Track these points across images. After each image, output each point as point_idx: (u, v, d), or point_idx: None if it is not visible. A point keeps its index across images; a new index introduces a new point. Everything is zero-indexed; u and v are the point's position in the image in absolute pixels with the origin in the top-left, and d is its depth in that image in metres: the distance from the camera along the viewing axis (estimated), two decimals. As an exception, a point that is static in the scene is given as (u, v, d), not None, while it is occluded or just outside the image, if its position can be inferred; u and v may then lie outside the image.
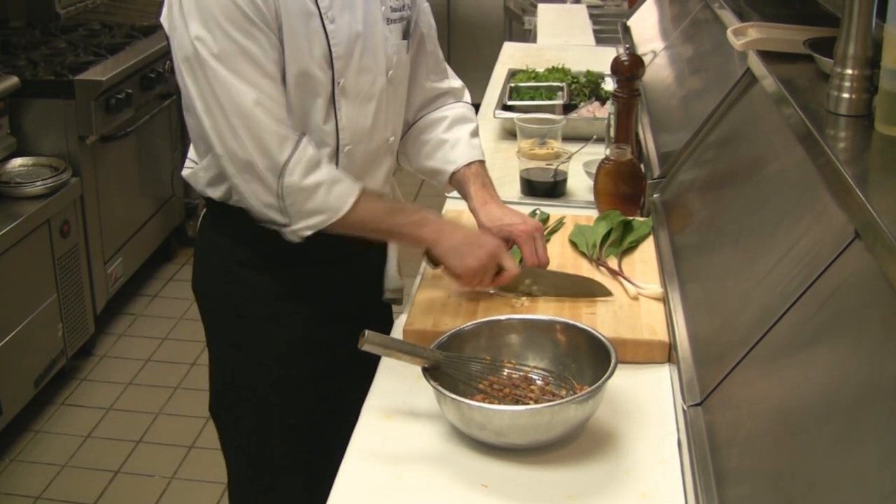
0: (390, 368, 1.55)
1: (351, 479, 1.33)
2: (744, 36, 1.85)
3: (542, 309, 1.68)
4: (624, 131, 2.18)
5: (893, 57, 1.31)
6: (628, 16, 3.73)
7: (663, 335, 1.59)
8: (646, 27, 3.42)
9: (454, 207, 2.04)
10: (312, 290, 1.74)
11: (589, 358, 1.46)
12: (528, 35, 4.50)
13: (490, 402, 1.39)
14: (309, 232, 1.59)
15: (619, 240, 1.90)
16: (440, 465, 1.36)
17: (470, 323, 1.54)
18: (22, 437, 3.12)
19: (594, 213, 2.05)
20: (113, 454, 3.06)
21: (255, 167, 1.55)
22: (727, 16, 2.21)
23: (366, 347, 1.38)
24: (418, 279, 1.80)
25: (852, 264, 1.18)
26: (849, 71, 1.43)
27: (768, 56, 1.77)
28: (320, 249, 1.66)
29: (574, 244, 1.90)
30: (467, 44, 5.91)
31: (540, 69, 3.02)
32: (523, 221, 1.74)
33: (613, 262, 1.83)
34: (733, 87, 1.97)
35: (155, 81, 3.81)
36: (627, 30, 3.56)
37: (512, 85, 2.88)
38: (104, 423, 3.22)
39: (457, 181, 1.82)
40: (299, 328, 1.74)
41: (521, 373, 1.48)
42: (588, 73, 2.93)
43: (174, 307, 3.92)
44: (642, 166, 2.16)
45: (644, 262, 1.84)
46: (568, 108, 2.69)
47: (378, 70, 1.66)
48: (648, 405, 1.48)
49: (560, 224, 1.99)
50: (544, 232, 1.80)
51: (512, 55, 3.56)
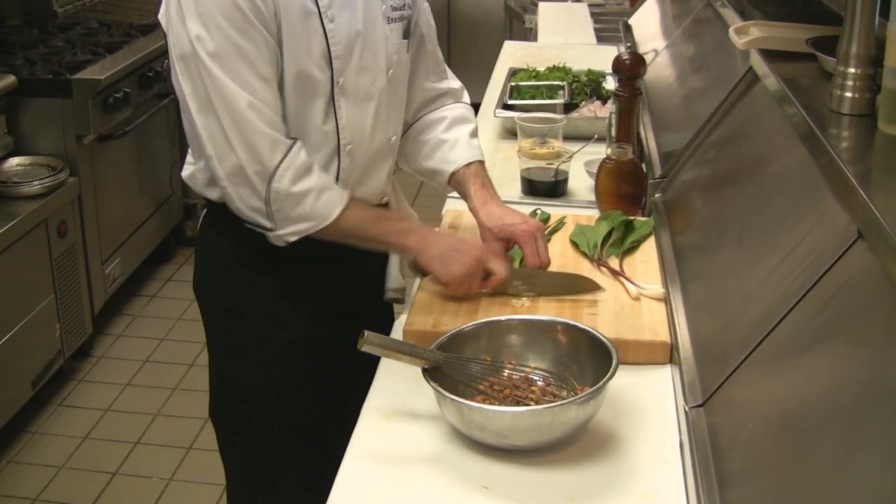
0: (390, 369, 1.55)
1: (350, 481, 1.33)
2: (746, 35, 1.85)
3: (543, 309, 1.68)
4: (625, 131, 2.18)
5: (897, 56, 1.31)
6: (630, 14, 3.73)
7: (665, 336, 1.59)
8: (647, 26, 3.42)
9: (454, 208, 2.04)
10: (313, 291, 1.74)
11: (590, 359, 1.46)
12: (529, 34, 4.50)
13: (490, 404, 1.39)
14: (294, 238, 1.59)
15: (621, 240, 1.90)
16: (440, 467, 1.35)
17: (470, 323, 1.54)
18: (19, 439, 3.12)
19: (595, 213, 2.05)
20: (111, 455, 3.06)
21: (245, 171, 1.54)
22: (729, 14, 2.21)
23: (365, 348, 1.38)
24: (418, 279, 1.80)
25: (855, 265, 1.18)
26: (851, 70, 1.43)
27: (770, 55, 1.77)
28: (320, 250, 1.66)
29: (575, 244, 1.90)
30: (468, 42, 5.91)
31: (541, 68, 3.02)
32: (524, 221, 1.74)
33: (615, 263, 1.83)
34: (735, 87, 1.97)
35: (153, 80, 3.81)
36: (629, 28, 3.56)
37: (512, 84, 2.88)
38: (102, 425, 3.22)
39: (456, 181, 1.82)
40: (300, 329, 1.74)
41: (522, 374, 1.48)
42: (589, 72, 2.93)
43: (172, 308, 3.92)
44: (644, 166, 2.16)
45: (645, 263, 1.84)
46: (569, 108, 2.69)
47: (378, 69, 1.66)
48: (650, 406, 1.47)
49: (561, 224, 1.99)
50: (545, 232, 1.80)
51: (512, 54, 3.56)
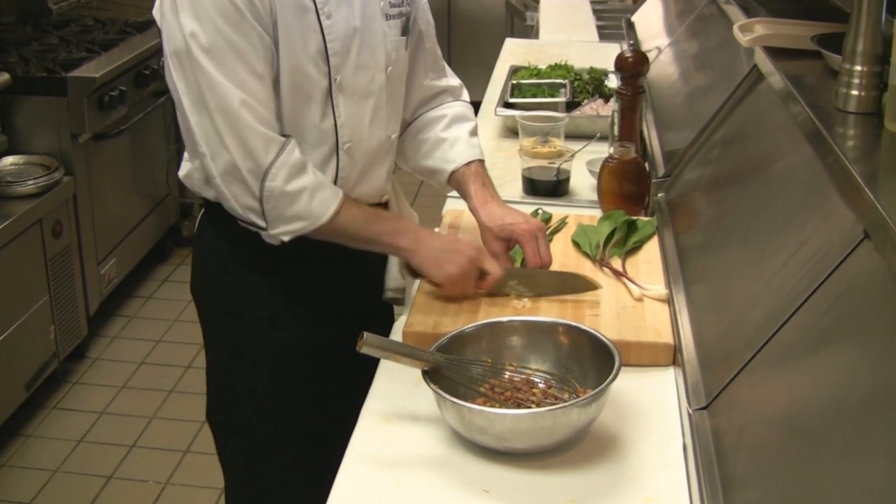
0: (389, 371, 1.55)
1: (349, 484, 1.33)
2: (750, 32, 1.85)
3: (545, 310, 1.67)
4: (628, 129, 2.18)
5: (903, 53, 1.31)
6: (632, 11, 3.73)
7: (668, 337, 1.59)
8: (650, 23, 3.42)
9: (454, 207, 2.04)
10: (312, 292, 1.74)
11: (592, 360, 1.46)
12: (530, 31, 4.50)
13: (491, 406, 1.39)
14: (287, 237, 1.59)
15: (623, 240, 1.89)
16: (440, 470, 1.35)
17: (471, 325, 1.54)
18: (13, 442, 3.12)
19: (597, 213, 2.05)
20: (106, 459, 3.06)
21: (238, 169, 1.54)
22: (733, 11, 2.21)
23: (364, 350, 1.38)
24: (418, 280, 1.80)
25: (861, 265, 1.18)
26: (858, 67, 1.43)
27: (775, 52, 1.77)
28: (319, 250, 1.66)
29: (577, 244, 1.90)
30: (468, 40, 5.90)
31: (542, 66, 3.02)
32: (525, 221, 1.74)
33: (617, 263, 1.83)
34: (739, 85, 1.97)
35: (149, 78, 3.81)
36: (631, 26, 3.56)
37: (514, 82, 2.88)
38: (97, 428, 3.22)
39: (456, 181, 1.82)
40: (298, 330, 1.74)
41: (523, 376, 1.47)
42: (591, 70, 2.93)
43: (169, 309, 3.92)
44: (647, 165, 2.16)
45: (648, 263, 1.84)
46: (571, 106, 2.69)
47: (377, 67, 1.66)
48: (653, 409, 1.47)
49: (563, 224, 1.99)
50: (546, 232, 1.80)
51: (513, 52, 3.56)
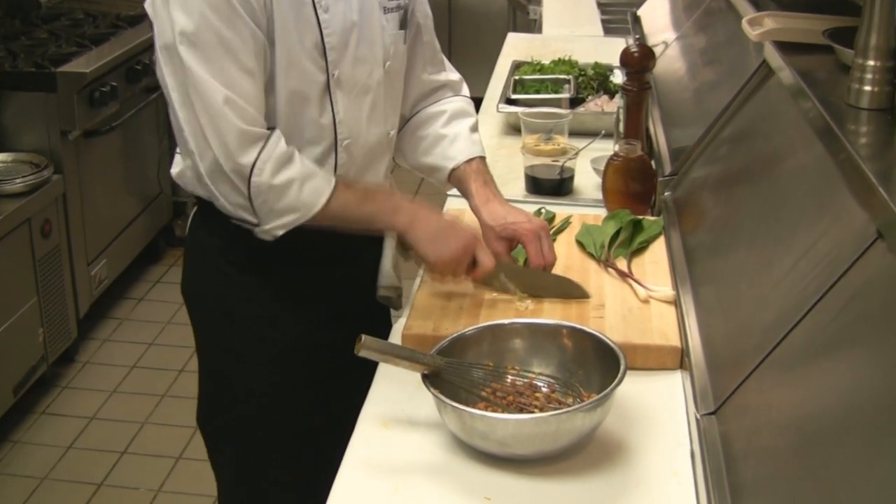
0: (388, 375, 1.55)
1: (347, 491, 1.33)
2: (759, 26, 1.85)
3: (548, 312, 1.68)
4: (634, 126, 2.18)
5: (918, 47, 1.31)
6: (638, 5, 3.73)
7: (675, 340, 1.59)
8: (657, 17, 3.42)
9: (455, 206, 2.04)
10: (307, 292, 1.74)
11: (597, 364, 1.46)
12: (534, 25, 4.50)
13: (493, 411, 1.39)
14: (281, 231, 1.59)
15: (629, 240, 1.90)
16: (440, 477, 1.35)
17: (472, 327, 1.54)
18: (0, 448, 3.12)
19: (602, 212, 2.05)
20: (96, 466, 3.06)
21: (222, 167, 1.54)
22: (742, 5, 2.20)
23: (362, 353, 1.38)
24: (418, 281, 1.80)
25: (874, 266, 1.18)
26: (870, 62, 1.43)
27: (785, 47, 1.77)
28: (316, 249, 1.66)
29: (581, 244, 1.90)
30: (469, 34, 5.90)
31: (545, 61, 3.02)
32: (528, 220, 1.74)
33: (622, 264, 1.83)
34: (748, 80, 1.97)
35: (141, 74, 3.81)
36: (637, 20, 3.56)
37: (516, 78, 2.88)
38: (87, 433, 3.22)
39: (456, 178, 1.82)
40: (293, 331, 1.74)
41: (526, 380, 1.48)
42: (596, 66, 2.93)
43: (161, 311, 3.92)
44: (653, 163, 2.17)
45: (655, 264, 1.84)
46: (575, 102, 2.69)
47: (375, 61, 1.66)
48: (659, 414, 1.47)
49: (566, 223, 1.99)
50: (550, 232, 1.80)
51: (516, 46, 3.56)
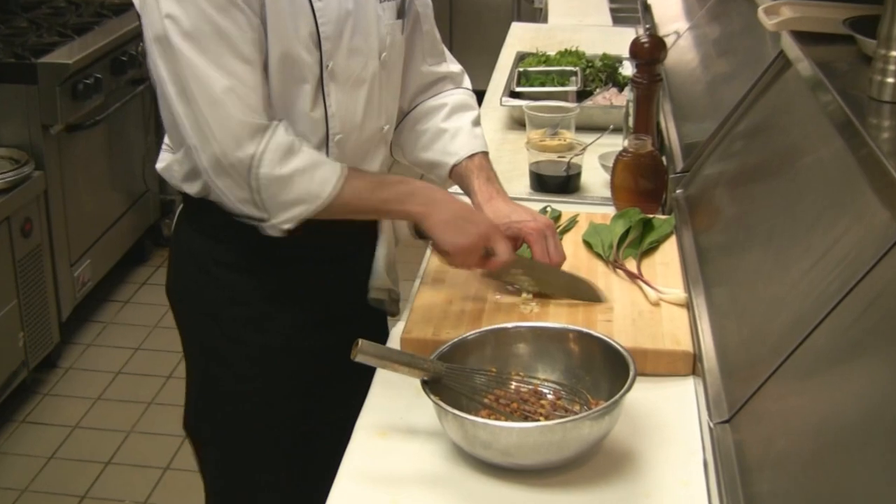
0: (386, 381, 1.55)
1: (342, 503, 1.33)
2: (776, 15, 1.85)
3: (554, 315, 1.68)
4: (644, 120, 2.18)
5: (942, 37, 1.31)
6: (649, -7, 3.73)
7: (687, 345, 1.59)
8: (668, 5, 3.42)
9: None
10: (300, 294, 1.74)
11: (605, 370, 1.46)
12: (539, 15, 4.51)
13: (496, 419, 1.39)
14: (290, 225, 1.59)
15: (639, 240, 1.90)
16: (441, 489, 1.35)
17: (474, 331, 1.54)
18: (-21, 458, 3.13)
19: (611, 211, 2.05)
20: (79, 477, 3.06)
21: (225, 160, 1.54)
22: (758, -7, 2.21)
23: (359, 358, 1.38)
24: (417, 283, 1.80)
25: (897, 266, 1.17)
26: (894, 53, 1.43)
27: (803, 37, 1.77)
28: (308, 249, 1.66)
29: (588, 245, 1.90)
30: (471, 24, 5.91)
31: (551, 52, 3.02)
32: (533, 218, 1.74)
33: (632, 265, 1.83)
34: (765, 72, 1.97)
35: (127, 65, 3.82)
36: (648, 8, 3.56)
37: (520, 69, 2.88)
38: (69, 443, 3.22)
39: (458, 175, 1.82)
40: (284, 334, 1.74)
41: (531, 386, 1.48)
42: (604, 57, 2.94)
43: (148, 314, 3.92)
44: (664, 159, 2.17)
45: (666, 265, 1.84)
46: (582, 95, 2.70)
47: (370, 52, 1.66)
48: (671, 422, 1.47)
49: (573, 222, 1.99)
50: (556, 230, 1.80)
51: (520, 37, 3.56)
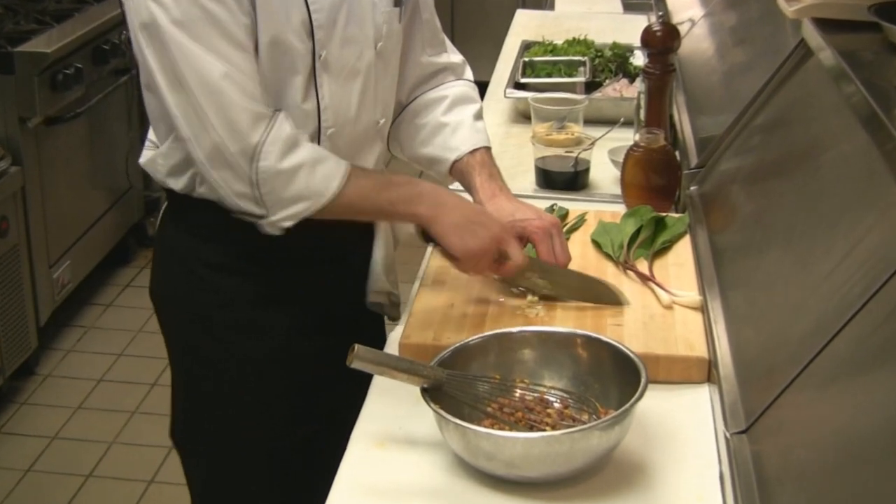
0: (384, 389, 1.55)
1: (337, 518, 1.33)
2: (797, 1, 1.85)
3: (561, 319, 1.68)
4: (656, 113, 2.18)
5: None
6: (661, -21, 3.73)
7: (702, 351, 1.59)
8: (682, -8, 3.42)
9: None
10: (292, 297, 1.74)
11: (615, 377, 1.46)
12: (545, 1, 4.50)
13: (500, 428, 1.39)
14: (290, 223, 1.59)
15: (650, 239, 1.90)
16: (441, 501, 1.36)
17: (476, 336, 1.54)
18: (-48, 470, 3.13)
19: (621, 209, 2.05)
20: (58, 491, 3.06)
21: (225, 151, 1.54)
22: (777, -22, 2.21)
23: (355, 365, 1.38)
24: (416, 285, 1.80)
25: (924, 268, 1.18)
26: (921, 42, 1.43)
27: (826, 24, 1.77)
28: (302, 250, 1.66)
29: (597, 244, 1.90)
30: (474, 12, 5.91)
31: (558, 41, 3.02)
32: (538, 217, 1.74)
33: (643, 266, 1.83)
34: (784, 62, 1.97)
35: (109, 54, 3.82)
36: (660, -5, 3.56)
37: (526, 59, 2.88)
38: (48, 455, 3.22)
39: (459, 171, 1.82)
40: (277, 340, 1.74)
41: (536, 394, 1.48)
42: (614, 46, 2.94)
43: (131, 318, 3.92)
44: (677, 154, 2.17)
45: (679, 266, 1.84)
46: (591, 87, 2.70)
47: (365, 42, 1.66)
48: (685, 432, 1.48)
49: (581, 221, 1.99)
50: (563, 230, 1.80)
51: (526, 25, 3.56)
